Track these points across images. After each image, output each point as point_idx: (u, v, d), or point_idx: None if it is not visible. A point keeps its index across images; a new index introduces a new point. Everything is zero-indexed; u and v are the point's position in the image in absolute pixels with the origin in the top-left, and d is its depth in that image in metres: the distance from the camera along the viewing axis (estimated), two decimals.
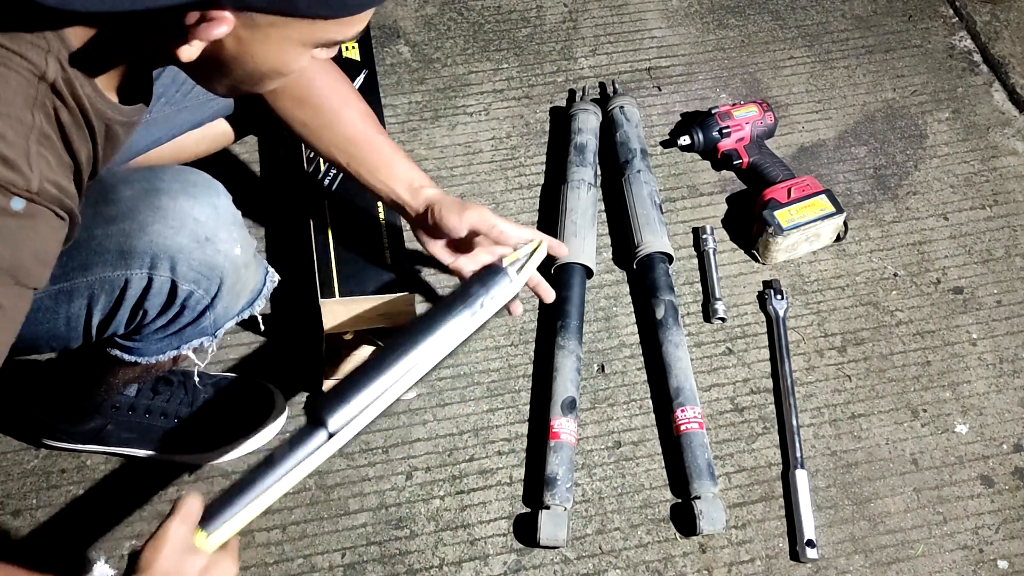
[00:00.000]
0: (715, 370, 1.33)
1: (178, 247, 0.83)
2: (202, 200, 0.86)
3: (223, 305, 0.92)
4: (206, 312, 0.91)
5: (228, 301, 0.92)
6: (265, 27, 0.67)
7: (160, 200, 0.83)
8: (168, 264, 0.84)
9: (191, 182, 0.87)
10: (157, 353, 0.95)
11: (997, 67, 1.70)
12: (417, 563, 1.15)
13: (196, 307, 0.89)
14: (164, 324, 0.90)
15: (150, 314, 0.88)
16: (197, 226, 0.84)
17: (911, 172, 1.56)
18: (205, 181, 0.88)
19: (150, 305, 0.86)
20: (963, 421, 1.30)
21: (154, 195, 0.84)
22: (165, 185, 0.85)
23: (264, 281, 0.99)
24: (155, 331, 0.91)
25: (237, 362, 1.29)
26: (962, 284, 1.43)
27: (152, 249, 0.83)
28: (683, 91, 1.64)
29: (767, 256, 1.42)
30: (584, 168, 1.43)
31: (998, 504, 1.23)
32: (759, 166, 1.48)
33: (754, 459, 1.25)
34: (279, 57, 0.71)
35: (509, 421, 1.27)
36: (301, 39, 0.70)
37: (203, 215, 0.85)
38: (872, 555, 1.18)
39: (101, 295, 0.84)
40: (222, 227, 0.87)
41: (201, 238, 0.85)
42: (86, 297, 0.84)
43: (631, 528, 1.19)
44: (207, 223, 0.85)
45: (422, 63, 1.65)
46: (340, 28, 0.71)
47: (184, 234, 0.83)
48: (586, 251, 1.35)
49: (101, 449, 1.18)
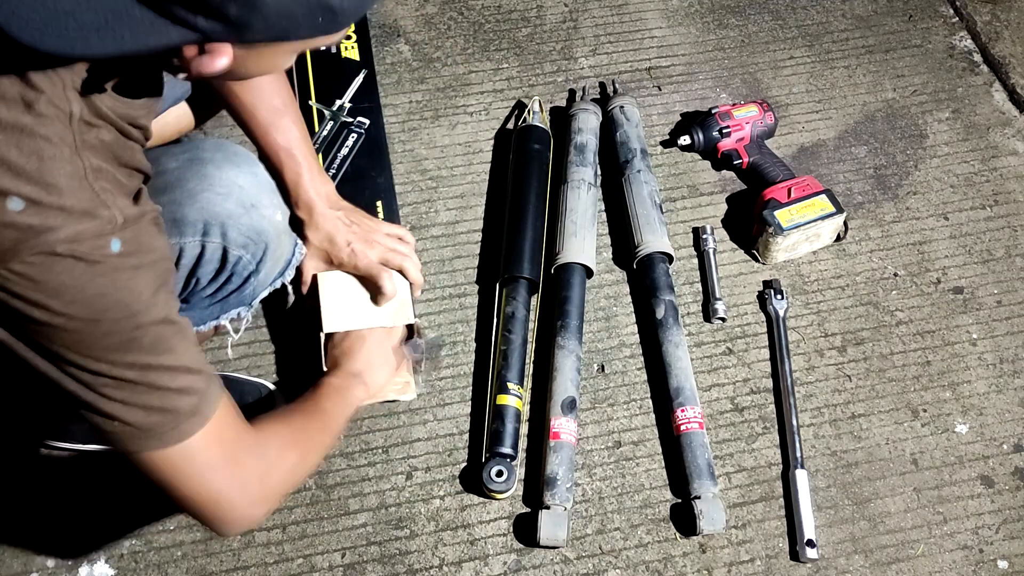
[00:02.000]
0: (715, 370, 1.33)
1: (227, 213, 0.86)
2: (244, 168, 0.88)
3: (265, 271, 0.94)
4: (250, 278, 0.93)
5: (270, 267, 0.95)
6: (261, 48, 0.67)
7: (206, 169, 0.86)
8: (219, 230, 0.86)
9: (232, 151, 0.89)
10: (199, 323, 0.97)
11: (997, 67, 1.70)
12: (417, 563, 1.15)
13: (243, 272, 0.92)
14: (213, 292, 0.92)
15: (202, 281, 0.90)
16: (243, 193, 0.87)
17: (911, 172, 1.56)
18: (243, 151, 0.91)
19: (202, 272, 0.89)
20: (963, 421, 1.30)
21: (199, 164, 0.86)
22: (208, 155, 0.87)
23: (294, 252, 1.02)
24: (204, 299, 0.93)
25: (237, 362, 1.29)
26: (962, 284, 1.43)
27: (203, 216, 0.85)
28: (683, 91, 1.64)
29: (767, 256, 1.42)
30: (584, 168, 1.43)
31: (998, 504, 1.23)
32: (759, 166, 1.48)
33: (754, 459, 1.25)
34: (270, 66, 0.72)
35: None
36: (294, 50, 0.71)
37: (247, 183, 0.88)
38: (872, 555, 1.18)
39: None
40: (264, 194, 0.90)
41: (247, 204, 0.87)
42: None
43: (631, 528, 1.19)
44: (251, 190, 0.88)
45: (422, 62, 1.65)
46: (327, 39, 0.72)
47: (232, 201, 0.86)
48: (586, 251, 1.35)
49: (101, 449, 1.18)
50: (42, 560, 1.13)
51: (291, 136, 1.07)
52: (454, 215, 1.46)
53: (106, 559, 1.14)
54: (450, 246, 1.43)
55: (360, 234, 1.13)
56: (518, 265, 1.32)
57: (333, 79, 1.47)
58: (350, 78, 1.48)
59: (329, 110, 1.43)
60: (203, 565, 1.14)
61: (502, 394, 1.22)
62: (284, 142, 1.06)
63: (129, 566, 1.14)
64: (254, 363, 1.29)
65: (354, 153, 1.39)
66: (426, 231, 1.43)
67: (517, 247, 1.34)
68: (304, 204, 1.08)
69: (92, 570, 1.13)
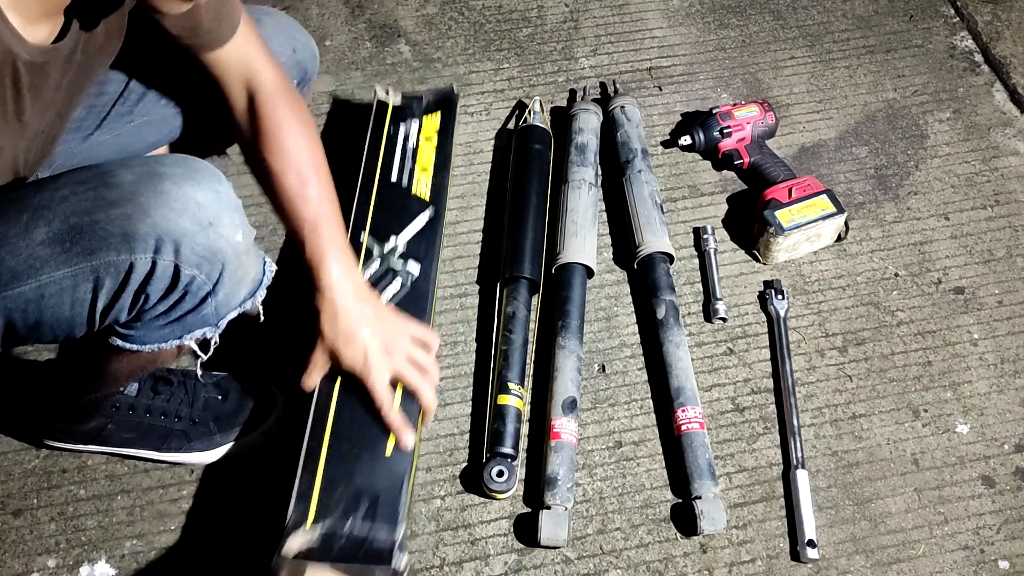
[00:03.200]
0: (716, 370, 1.33)
1: (182, 231, 0.83)
2: (205, 185, 0.86)
3: (224, 292, 0.92)
4: (207, 299, 0.91)
5: (229, 288, 0.92)
6: None
7: (163, 184, 0.83)
8: (172, 247, 0.84)
9: (193, 167, 0.87)
10: (159, 341, 0.94)
11: (998, 67, 1.70)
12: (418, 563, 1.15)
13: (198, 293, 0.89)
14: (166, 310, 0.90)
15: (152, 299, 0.87)
16: (200, 210, 0.85)
17: (912, 172, 1.56)
18: (207, 167, 0.88)
19: (152, 289, 0.86)
20: (964, 421, 1.30)
21: (157, 179, 0.84)
22: (168, 170, 0.85)
23: (263, 271, 0.99)
24: (156, 317, 0.91)
25: (237, 362, 1.29)
26: (963, 284, 1.43)
27: (156, 232, 0.82)
28: (684, 91, 1.64)
29: (768, 256, 1.42)
30: (585, 168, 1.43)
31: (999, 504, 1.23)
32: (760, 166, 1.48)
33: (755, 459, 1.25)
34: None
35: None
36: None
37: (206, 199, 0.85)
38: (873, 555, 1.18)
39: (106, 279, 0.84)
40: (224, 212, 0.87)
41: (204, 222, 0.85)
42: (91, 282, 0.83)
43: (632, 528, 1.19)
44: (210, 207, 0.85)
45: (423, 63, 1.65)
46: None
47: (187, 218, 0.84)
48: (587, 251, 1.35)
49: (101, 449, 1.18)
50: (43, 560, 1.14)
51: (320, 210, 1.04)
52: (455, 215, 1.46)
53: (107, 559, 1.14)
54: (451, 246, 1.43)
55: (381, 338, 1.08)
56: (519, 265, 1.32)
57: (394, 214, 1.30)
58: (412, 216, 1.31)
59: (380, 248, 1.26)
60: (203, 565, 1.14)
61: (503, 394, 1.22)
62: (310, 215, 1.03)
63: (130, 566, 1.14)
64: (254, 363, 1.29)
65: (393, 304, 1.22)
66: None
67: (518, 247, 1.34)
68: (325, 293, 1.05)
69: (93, 570, 1.13)
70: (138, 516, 1.17)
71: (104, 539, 1.15)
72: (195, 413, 1.18)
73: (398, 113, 1.42)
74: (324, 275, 1.05)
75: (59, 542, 1.15)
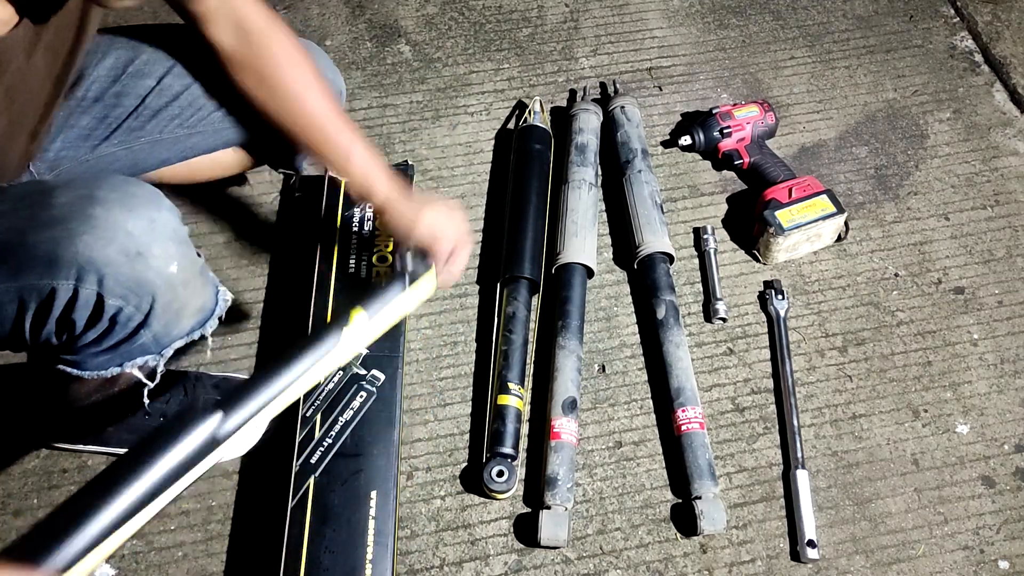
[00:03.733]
0: (716, 370, 1.33)
1: (106, 260, 0.80)
2: (138, 212, 0.82)
3: (160, 323, 0.88)
4: (140, 330, 0.87)
5: (166, 320, 0.88)
6: None
7: (94, 209, 0.80)
8: (95, 277, 0.80)
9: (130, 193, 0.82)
10: (99, 368, 0.92)
11: (998, 67, 1.70)
12: (417, 563, 1.15)
13: (128, 324, 0.86)
14: (96, 339, 0.87)
15: (78, 326, 0.84)
16: (129, 239, 0.81)
17: (912, 172, 1.56)
18: (147, 193, 0.84)
19: (78, 317, 0.83)
20: (964, 421, 1.30)
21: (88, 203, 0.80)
22: (102, 194, 0.81)
23: (216, 300, 0.96)
24: (88, 345, 0.88)
25: (237, 362, 1.29)
26: (963, 284, 1.43)
27: (78, 260, 0.79)
28: (684, 91, 1.64)
29: (768, 256, 1.42)
30: (585, 168, 1.43)
31: (999, 504, 1.23)
32: (760, 166, 1.48)
33: (755, 459, 1.25)
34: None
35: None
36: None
37: (137, 228, 0.81)
38: (873, 555, 1.18)
39: (30, 301, 0.82)
40: (156, 242, 0.83)
41: (132, 252, 0.81)
42: (15, 302, 0.82)
43: (632, 528, 1.19)
44: (140, 237, 0.81)
45: (423, 63, 1.65)
46: None
47: (114, 247, 0.80)
48: (587, 251, 1.35)
49: (101, 449, 1.18)
50: None
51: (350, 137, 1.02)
52: None
53: (107, 559, 1.14)
54: None
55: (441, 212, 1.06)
56: (519, 265, 1.32)
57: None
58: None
59: None
60: (204, 565, 1.14)
61: (503, 394, 1.22)
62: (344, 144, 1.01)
63: (130, 566, 1.14)
64: (254, 363, 1.29)
65: (358, 419, 1.16)
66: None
67: (518, 247, 1.34)
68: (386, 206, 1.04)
69: None
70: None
71: None
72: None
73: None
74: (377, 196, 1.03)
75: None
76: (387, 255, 1.28)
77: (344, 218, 1.31)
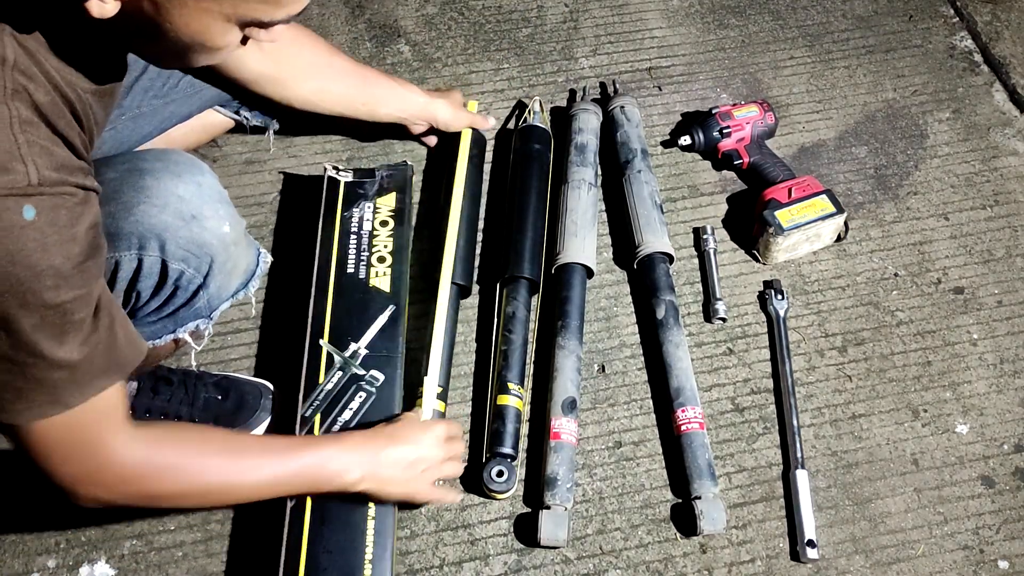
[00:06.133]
0: (716, 370, 1.33)
1: (164, 226, 0.83)
2: (185, 178, 0.85)
3: (216, 284, 0.91)
4: (199, 292, 0.90)
5: (221, 280, 0.91)
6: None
7: (144, 180, 0.83)
8: (156, 244, 0.83)
9: (173, 160, 0.86)
10: (153, 337, 0.94)
11: (998, 67, 1.70)
12: (417, 563, 1.15)
13: (189, 287, 0.88)
14: (159, 306, 0.89)
15: (144, 296, 0.87)
16: (182, 204, 0.84)
17: (912, 172, 1.56)
18: (188, 160, 0.87)
19: (143, 287, 0.85)
20: (964, 421, 1.30)
21: (137, 176, 0.83)
22: (148, 165, 0.84)
23: (257, 262, 0.99)
24: (150, 314, 0.90)
25: (237, 362, 1.29)
26: (963, 284, 1.43)
27: (138, 229, 0.82)
28: (684, 91, 1.64)
29: (768, 256, 1.42)
30: (585, 168, 1.43)
31: (999, 504, 1.23)
32: (760, 166, 1.48)
33: (755, 459, 1.25)
34: (200, 28, 0.68)
35: None
36: (223, 12, 0.68)
37: (187, 193, 0.84)
38: (873, 555, 1.18)
39: None
40: (207, 204, 0.86)
41: (187, 216, 0.84)
42: None
43: (631, 528, 1.19)
44: (192, 201, 0.84)
45: (423, 63, 1.65)
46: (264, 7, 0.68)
47: (169, 212, 0.83)
48: (586, 251, 1.35)
49: None
50: (43, 560, 1.13)
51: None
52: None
53: (107, 559, 1.14)
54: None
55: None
56: (519, 265, 1.32)
57: (354, 315, 1.23)
58: (373, 316, 1.24)
59: (341, 356, 1.20)
60: (204, 565, 1.14)
61: (502, 394, 1.22)
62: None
63: (130, 566, 1.14)
64: (254, 363, 1.29)
65: (358, 419, 1.17)
66: (427, 231, 1.43)
67: (518, 247, 1.34)
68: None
69: (93, 570, 1.13)
70: (138, 516, 1.16)
71: (104, 539, 1.15)
72: (195, 413, 1.18)
73: (350, 193, 1.33)
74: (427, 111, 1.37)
75: (59, 542, 1.15)
76: (387, 255, 1.29)
77: (344, 218, 1.31)
